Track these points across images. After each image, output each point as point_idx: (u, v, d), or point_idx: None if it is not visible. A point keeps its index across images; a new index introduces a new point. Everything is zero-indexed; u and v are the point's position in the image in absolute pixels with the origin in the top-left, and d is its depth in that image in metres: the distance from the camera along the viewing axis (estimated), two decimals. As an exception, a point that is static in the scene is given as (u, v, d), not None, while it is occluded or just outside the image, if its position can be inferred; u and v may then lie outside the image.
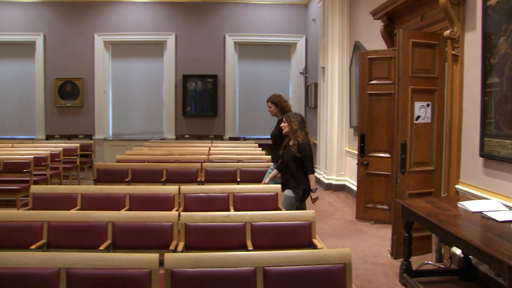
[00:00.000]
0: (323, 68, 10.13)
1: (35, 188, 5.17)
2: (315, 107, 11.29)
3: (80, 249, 3.64)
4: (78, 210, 4.82)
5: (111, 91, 13.03)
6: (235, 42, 12.89)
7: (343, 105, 9.67)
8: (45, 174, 8.43)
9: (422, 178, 5.57)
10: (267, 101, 6.47)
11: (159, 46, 12.96)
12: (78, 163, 10.37)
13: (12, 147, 10.15)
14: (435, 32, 5.64)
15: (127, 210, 4.82)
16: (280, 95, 6.44)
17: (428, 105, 5.55)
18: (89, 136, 12.65)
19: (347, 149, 9.61)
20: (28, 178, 7.77)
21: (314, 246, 3.93)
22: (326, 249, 4.50)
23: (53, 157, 8.98)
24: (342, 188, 9.66)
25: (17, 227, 3.95)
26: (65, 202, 4.98)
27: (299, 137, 5.36)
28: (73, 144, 10.68)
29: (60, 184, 9.10)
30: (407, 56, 5.39)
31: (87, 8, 12.78)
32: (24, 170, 7.74)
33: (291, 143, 5.46)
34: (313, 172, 5.49)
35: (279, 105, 6.28)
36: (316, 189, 5.53)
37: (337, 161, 9.81)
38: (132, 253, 3.08)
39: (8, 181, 7.68)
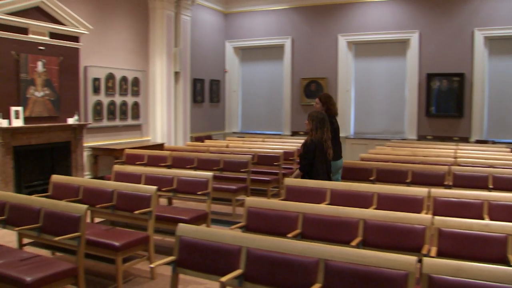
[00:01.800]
0: None
1: (288, 181, 5.52)
2: None
3: (331, 243, 3.75)
4: (327, 204, 5.00)
5: (353, 90, 13.23)
6: (485, 37, 11.84)
7: None
8: (291, 168, 8.98)
9: None
10: (317, 97, 6.57)
11: (402, 45, 12.69)
12: (320, 159, 10.77)
13: (263, 141, 11.07)
14: None
15: (375, 209, 4.82)
16: (331, 97, 6.57)
17: None
18: (332, 134, 13.07)
19: None
20: (277, 171, 8.39)
21: None
22: None
23: (299, 152, 9.48)
24: None
25: (275, 215, 4.27)
26: (315, 195, 5.21)
27: (312, 136, 5.54)
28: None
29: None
30: None
31: (331, 10, 13.21)
32: (274, 163, 8.36)
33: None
34: (301, 169, 5.64)
35: (325, 105, 6.37)
36: None
37: None
38: (382, 252, 3.07)
39: (260, 172, 8.39)
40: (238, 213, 7.31)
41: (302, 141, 10.80)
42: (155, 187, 5.03)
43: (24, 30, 8.22)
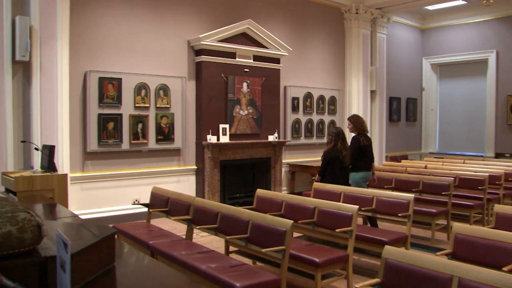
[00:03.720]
0: None
1: (499, 208, 5.11)
2: None
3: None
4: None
5: None
6: None
7: None
8: (497, 193, 8.27)
9: None
10: (347, 119, 7.55)
11: None
12: (530, 185, 9.75)
13: (463, 163, 10.42)
14: None
15: None
16: (358, 116, 7.46)
17: None
18: (543, 157, 11.79)
19: None
20: (481, 196, 7.79)
21: None
22: None
23: (506, 176, 8.74)
24: None
25: (487, 245, 3.96)
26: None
27: (328, 147, 6.71)
28: (525, 165, 10.12)
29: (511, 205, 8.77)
30: None
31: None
32: (479, 187, 7.79)
33: None
34: (319, 173, 6.88)
35: (354, 124, 7.25)
36: None
37: None
38: None
39: (462, 196, 7.87)
40: (437, 238, 6.97)
41: (509, 164, 10.05)
42: (356, 207, 5.04)
43: (232, 55, 8.97)
